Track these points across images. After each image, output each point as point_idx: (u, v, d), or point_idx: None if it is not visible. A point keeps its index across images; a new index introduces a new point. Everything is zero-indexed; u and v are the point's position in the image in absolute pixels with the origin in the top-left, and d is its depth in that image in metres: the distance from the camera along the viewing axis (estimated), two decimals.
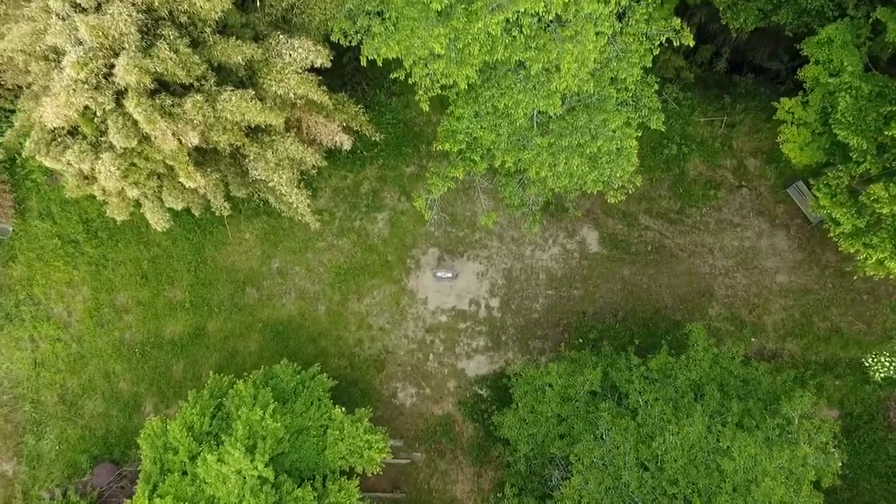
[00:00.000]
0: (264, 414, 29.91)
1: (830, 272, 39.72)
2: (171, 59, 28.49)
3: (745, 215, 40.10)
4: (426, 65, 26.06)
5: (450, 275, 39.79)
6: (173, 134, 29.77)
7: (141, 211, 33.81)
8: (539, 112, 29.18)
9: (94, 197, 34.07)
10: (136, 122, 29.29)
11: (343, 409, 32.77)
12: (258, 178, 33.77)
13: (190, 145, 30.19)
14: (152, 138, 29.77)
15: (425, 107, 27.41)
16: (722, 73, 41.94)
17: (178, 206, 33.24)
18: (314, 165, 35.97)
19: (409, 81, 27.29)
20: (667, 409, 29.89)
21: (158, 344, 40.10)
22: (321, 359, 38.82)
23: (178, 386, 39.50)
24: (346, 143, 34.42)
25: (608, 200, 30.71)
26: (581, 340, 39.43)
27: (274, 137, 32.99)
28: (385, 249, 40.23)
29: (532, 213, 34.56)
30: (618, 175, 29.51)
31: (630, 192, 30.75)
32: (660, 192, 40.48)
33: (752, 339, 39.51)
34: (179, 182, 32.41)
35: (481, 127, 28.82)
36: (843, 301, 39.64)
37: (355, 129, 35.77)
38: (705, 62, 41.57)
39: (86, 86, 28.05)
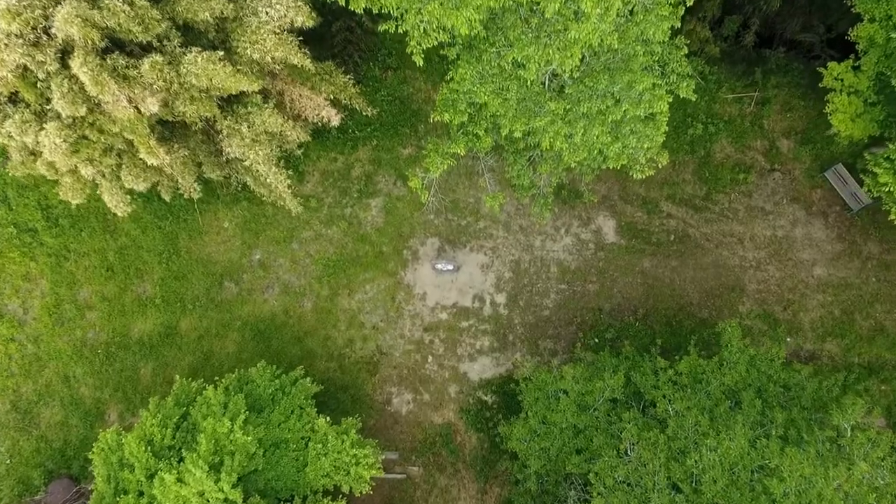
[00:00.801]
0: (233, 425, 26.58)
1: (874, 264, 37.34)
2: (124, 12, 24.96)
3: (777, 202, 37.94)
4: (419, 11, 22.11)
5: (451, 267, 37.50)
6: (129, 100, 26.56)
7: (98, 192, 30.62)
8: (554, 74, 25.81)
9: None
10: (84, 87, 25.91)
11: (328, 418, 29.81)
12: (233, 156, 30.82)
13: (148, 113, 26.99)
14: (104, 105, 26.43)
15: (419, 60, 24.05)
16: (750, 48, 39.30)
17: (140, 187, 30.18)
18: (299, 144, 33.13)
19: (401, 30, 23.40)
20: (702, 419, 26.60)
21: (125, 344, 37.49)
22: (307, 361, 36.72)
23: (147, 391, 36.75)
24: (335, 118, 31.72)
25: (634, 177, 27.31)
26: (597, 340, 37.25)
27: (250, 109, 30.01)
28: (379, 239, 38.02)
29: (543, 196, 31.56)
30: (644, 147, 25.80)
31: (659, 166, 27.11)
32: (683, 176, 38.21)
33: (788, 339, 37.16)
34: (141, 159, 29.22)
35: (486, 91, 25.29)
36: (889, 296, 37.17)
37: (344, 102, 33.10)
38: (731, 35, 38.94)
39: (21, 41, 24.59)
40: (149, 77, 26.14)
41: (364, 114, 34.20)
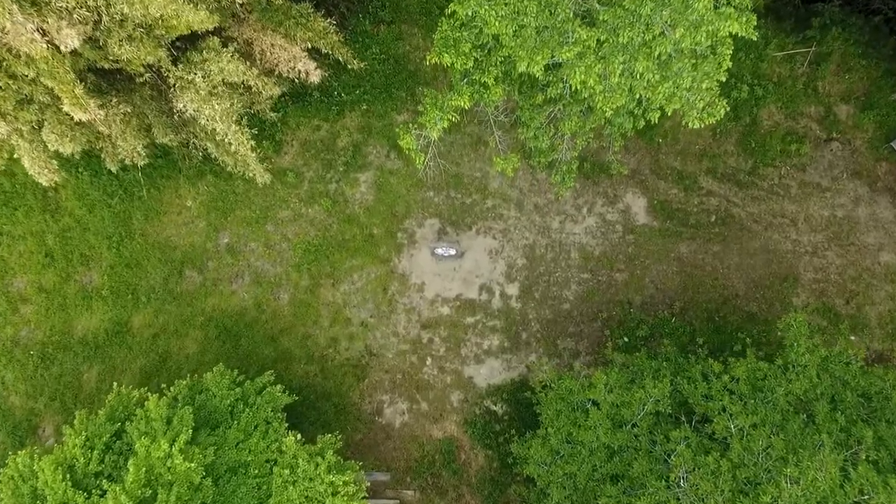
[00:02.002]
0: (171, 448, 21.90)
1: None
2: None
3: (836, 177, 35.32)
4: None
5: (453, 252, 34.93)
6: (41, 33, 21.94)
7: (17, 156, 26.49)
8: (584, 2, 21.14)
9: None
10: None
11: (298, 435, 25.40)
12: (188, 114, 26.77)
13: (67, 51, 22.44)
14: (6, 38, 21.96)
15: None
16: (798, 1, 36.32)
17: (67, 149, 25.79)
18: (273, 106, 30.05)
19: None
20: (776, 440, 22.04)
21: (65, 345, 34.47)
22: (282, 364, 34.00)
23: (90, 400, 33.61)
24: (314, 74, 28.20)
25: (689, 126, 22.59)
26: (626, 339, 34.41)
27: (206, 56, 25.87)
28: (369, 220, 35.19)
29: (566, 162, 27.78)
30: (703, 86, 20.90)
31: (722, 113, 22.18)
32: (726, 147, 35.54)
33: (852, 338, 34.20)
34: (67, 114, 24.91)
35: (496, 14, 20.81)
36: None
37: (326, 51, 29.43)
38: None
39: None
40: (65, 2, 21.61)
41: (350, 68, 30.71)
